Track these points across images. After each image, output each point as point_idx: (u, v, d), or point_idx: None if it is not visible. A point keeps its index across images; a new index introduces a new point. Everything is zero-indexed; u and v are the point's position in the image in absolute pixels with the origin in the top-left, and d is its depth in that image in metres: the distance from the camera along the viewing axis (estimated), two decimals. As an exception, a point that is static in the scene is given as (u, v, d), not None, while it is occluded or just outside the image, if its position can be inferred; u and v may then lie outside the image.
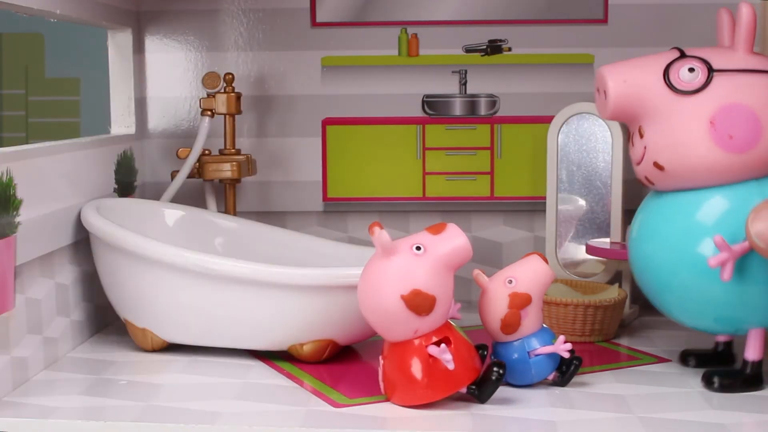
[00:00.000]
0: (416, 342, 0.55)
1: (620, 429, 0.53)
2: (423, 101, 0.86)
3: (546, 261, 0.60)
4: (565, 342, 0.59)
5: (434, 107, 0.86)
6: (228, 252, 0.76)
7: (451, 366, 0.52)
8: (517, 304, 0.58)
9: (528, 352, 0.59)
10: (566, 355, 0.59)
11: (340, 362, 0.67)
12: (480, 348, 0.57)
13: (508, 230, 0.87)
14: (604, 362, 0.67)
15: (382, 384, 0.56)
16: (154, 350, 0.69)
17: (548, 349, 0.59)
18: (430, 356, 0.54)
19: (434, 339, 0.54)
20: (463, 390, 0.56)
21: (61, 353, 0.68)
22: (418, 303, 0.53)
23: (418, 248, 0.54)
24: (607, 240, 0.80)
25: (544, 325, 0.60)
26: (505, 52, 0.85)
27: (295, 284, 0.63)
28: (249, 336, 0.66)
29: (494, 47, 0.85)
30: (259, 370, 0.65)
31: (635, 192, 0.85)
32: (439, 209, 0.87)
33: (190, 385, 0.61)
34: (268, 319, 0.65)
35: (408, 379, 0.54)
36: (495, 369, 0.54)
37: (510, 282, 0.59)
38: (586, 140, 0.81)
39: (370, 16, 0.85)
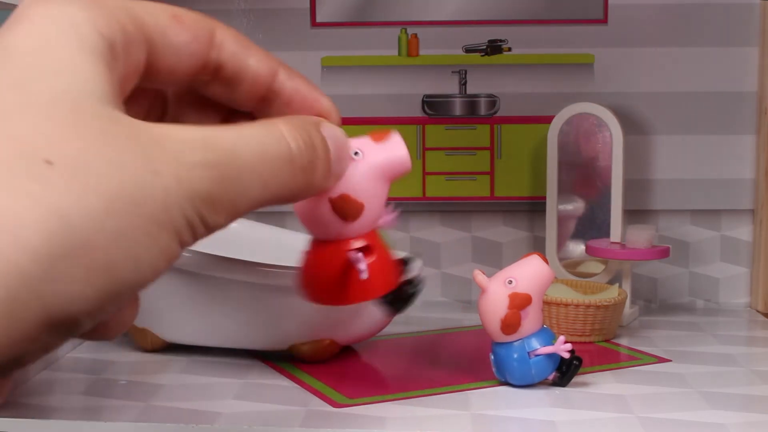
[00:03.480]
0: (338, 244, 0.51)
1: (620, 429, 0.53)
2: (423, 101, 0.86)
3: (546, 261, 0.60)
4: (565, 342, 0.59)
5: (434, 107, 0.86)
6: (228, 252, 0.76)
7: (364, 275, 0.50)
8: (517, 304, 0.58)
9: (528, 353, 0.59)
10: (566, 355, 0.59)
11: (340, 362, 0.67)
12: (406, 262, 0.54)
13: (508, 230, 0.87)
14: (604, 362, 0.67)
15: (299, 276, 0.53)
16: (154, 350, 0.69)
17: (548, 349, 0.59)
18: (348, 261, 0.51)
19: (355, 245, 0.51)
20: (377, 302, 0.53)
21: (61, 353, 0.68)
22: (345, 208, 0.50)
23: (356, 153, 0.50)
24: (607, 240, 0.80)
25: (545, 326, 0.60)
26: (505, 52, 0.85)
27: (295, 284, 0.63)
28: (249, 336, 0.66)
29: (494, 47, 0.85)
30: (259, 370, 0.65)
31: (635, 192, 0.85)
32: (439, 209, 0.87)
33: (190, 385, 0.61)
34: (268, 319, 0.65)
35: (323, 278, 0.52)
36: (412, 284, 0.52)
37: (510, 282, 0.59)
38: (586, 140, 0.81)
39: (370, 16, 0.85)
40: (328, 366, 0.66)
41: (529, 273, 0.59)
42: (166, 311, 0.67)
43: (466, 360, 0.68)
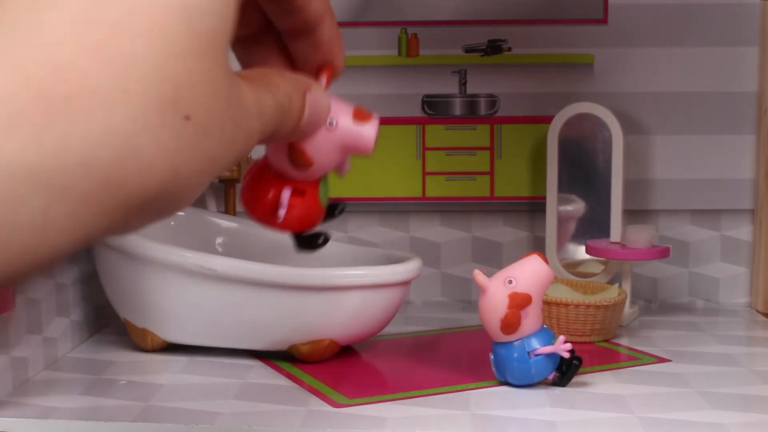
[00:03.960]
0: (278, 180, 0.54)
1: (620, 429, 0.53)
2: (423, 101, 0.86)
3: (546, 261, 0.60)
4: (565, 342, 0.59)
5: (434, 107, 0.86)
6: (228, 252, 0.76)
7: (279, 218, 0.52)
8: (517, 304, 0.58)
9: (528, 352, 0.59)
10: (566, 355, 0.59)
11: (340, 362, 0.67)
12: (333, 211, 0.57)
13: (508, 230, 0.87)
14: (604, 362, 0.67)
15: (242, 184, 0.57)
16: (154, 350, 0.69)
17: (548, 349, 0.59)
18: (280, 194, 0.55)
19: (290, 189, 0.53)
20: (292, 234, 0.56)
21: (60, 353, 0.68)
22: (297, 158, 0.53)
23: (330, 123, 0.54)
24: (607, 240, 0.80)
25: (544, 326, 0.60)
26: (505, 52, 0.85)
27: (295, 284, 0.63)
28: (249, 336, 0.66)
29: (494, 47, 0.85)
30: (259, 370, 0.65)
31: (635, 192, 0.85)
32: (439, 209, 0.87)
33: (190, 385, 0.61)
34: (268, 319, 0.65)
35: (258, 200, 0.55)
36: (322, 235, 0.55)
37: (510, 282, 0.59)
38: (586, 140, 0.81)
39: (370, 16, 0.85)
40: (328, 366, 0.66)
41: (529, 273, 0.59)
42: (166, 311, 0.67)
43: (466, 360, 0.68)
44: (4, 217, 0.22)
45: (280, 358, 0.67)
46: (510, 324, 0.58)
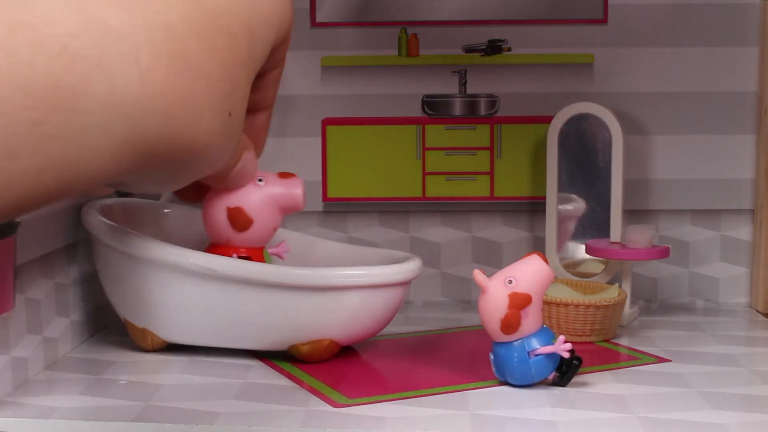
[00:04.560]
0: (226, 250, 0.66)
1: (620, 429, 0.53)
2: (423, 101, 0.86)
3: (546, 261, 0.60)
4: (565, 342, 0.59)
5: (434, 107, 0.86)
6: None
7: None
8: (517, 304, 0.58)
9: (528, 352, 0.59)
10: (566, 354, 0.59)
11: (340, 362, 0.67)
12: None
13: (508, 230, 0.87)
14: (604, 362, 0.67)
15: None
16: (154, 350, 0.69)
17: (548, 349, 0.59)
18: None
19: (236, 256, 0.65)
20: None
21: (60, 353, 0.68)
22: (237, 218, 0.64)
23: (260, 180, 0.63)
24: (607, 240, 0.80)
25: (544, 325, 0.60)
26: (505, 52, 0.85)
27: (295, 284, 0.63)
28: (249, 336, 0.66)
29: (494, 47, 0.85)
30: (259, 370, 0.65)
31: (635, 192, 0.85)
32: (439, 209, 0.87)
33: (190, 385, 0.61)
34: (268, 319, 0.65)
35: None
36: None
37: (510, 282, 0.59)
38: (586, 140, 0.81)
39: (370, 16, 0.85)
40: (328, 366, 0.66)
41: (528, 272, 0.59)
42: (166, 311, 0.67)
43: (466, 360, 0.68)
44: (97, 142, 0.26)
45: (280, 358, 0.67)
46: (510, 324, 0.58)
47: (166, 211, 0.77)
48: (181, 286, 0.65)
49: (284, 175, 0.65)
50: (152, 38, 0.27)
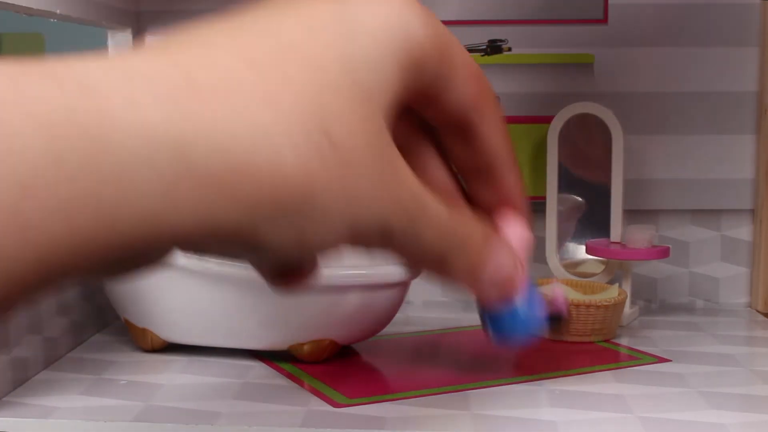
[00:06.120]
0: None
1: (620, 429, 0.53)
2: (423, 101, 0.86)
3: (526, 223, 0.59)
4: (559, 298, 0.58)
5: (434, 107, 0.86)
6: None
7: None
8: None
9: (517, 313, 0.58)
10: (561, 310, 0.58)
11: (340, 362, 0.67)
12: None
13: (508, 230, 0.87)
14: (604, 362, 0.67)
15: None
16: (154, 350, 0.69)
17: (536, 307, 0.58)
18: None
19: None
20: None
21: (61, 353, 0.68)
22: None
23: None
24: (607, 240, 0.80)
25: (533, 283, 0.59)
26: (505, 52, 0.85)
27: (295, 284, 0.63)
28: (249, 336, 0.66)
29: (494, 47, 0.85)
30: (259, 370, 0.65)
31: (635, 192, 0.85)
32: (439, 209, 0.87)
33: (190, 385, 0.62)
34: (268, 319, 0.65)
35: None
36: None
37: None
38: (586, 140, 0.81)
39: (370, 16, 0.85)
40: (328, 366, 0.66)
41: (511, 237, 0.58)
42: (166, 311, 0.67)
43: (466, 360, 0.68)
44: (137, 178, 0.22)
45: (280, 358, 0.67)
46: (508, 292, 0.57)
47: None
48: (181, 286, 0.65)
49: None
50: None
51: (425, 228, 0.30)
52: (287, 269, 0.32)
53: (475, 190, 0.36)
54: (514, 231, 0.39)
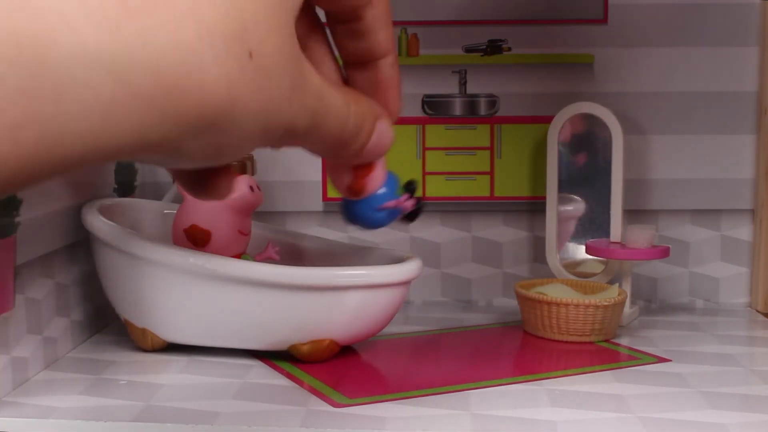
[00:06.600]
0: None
1: (620, 429, 0.53)
2: (423, 101, 0.86)
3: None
4: (414, 201, 0.57)
5: (434, 107, 0.86)
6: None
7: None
8: (360, 174, 0.56)
9: (376, 207, 0.57)
10: (410, 208, 0.57)
11: (340, 362, 0.67)
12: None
13: (508, 230, 0.87)
14: (604, 362, 0.67)
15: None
16: (154, 350, 0.69)
17: (392, 204, 0.57)
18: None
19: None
20: None
21: (61, 353, 0.68)
22: (194, 236, 0.66)
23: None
24: (607, 240, 0.80)
25: (390, 173, 0.58)
26: (505, 52, 0.85)
27: (295, 284, 0.63)
28: (249, 336, 0.66)
29: (494, 47, 0.85)
30: (259, 370, 0.65)
31: (635, 192, 0.85)
32: (439, 209, 0.87)
33: (190, 385, 0.62)
34: (268, 319, 0.65)
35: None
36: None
37: None
38: (586, 140, 0.81)
39: (370, 16, 0.85)
40: (328, 366, 0.66)
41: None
42: (166, 311, 0.67)
43: (466, 360, 0.68)
44: (77, 97, 0.23)
45: (280, 358, 0.67)
46: (356, 191, 0.56)
47: (166, 211, 0.77)
48: (181, 286, 0.65)
49: None
50: None
51: (327, 120, 0.32)
52: (204, 176, 0.33)
53: (353, 80, 0.39)
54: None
